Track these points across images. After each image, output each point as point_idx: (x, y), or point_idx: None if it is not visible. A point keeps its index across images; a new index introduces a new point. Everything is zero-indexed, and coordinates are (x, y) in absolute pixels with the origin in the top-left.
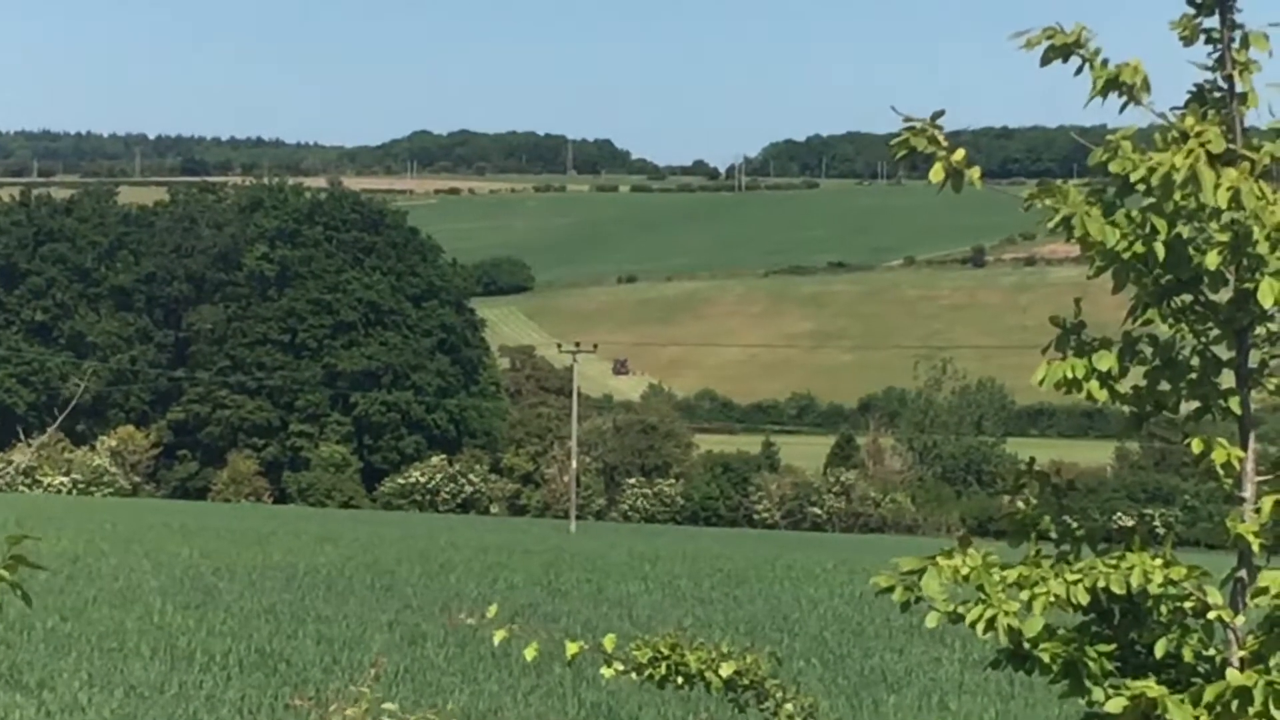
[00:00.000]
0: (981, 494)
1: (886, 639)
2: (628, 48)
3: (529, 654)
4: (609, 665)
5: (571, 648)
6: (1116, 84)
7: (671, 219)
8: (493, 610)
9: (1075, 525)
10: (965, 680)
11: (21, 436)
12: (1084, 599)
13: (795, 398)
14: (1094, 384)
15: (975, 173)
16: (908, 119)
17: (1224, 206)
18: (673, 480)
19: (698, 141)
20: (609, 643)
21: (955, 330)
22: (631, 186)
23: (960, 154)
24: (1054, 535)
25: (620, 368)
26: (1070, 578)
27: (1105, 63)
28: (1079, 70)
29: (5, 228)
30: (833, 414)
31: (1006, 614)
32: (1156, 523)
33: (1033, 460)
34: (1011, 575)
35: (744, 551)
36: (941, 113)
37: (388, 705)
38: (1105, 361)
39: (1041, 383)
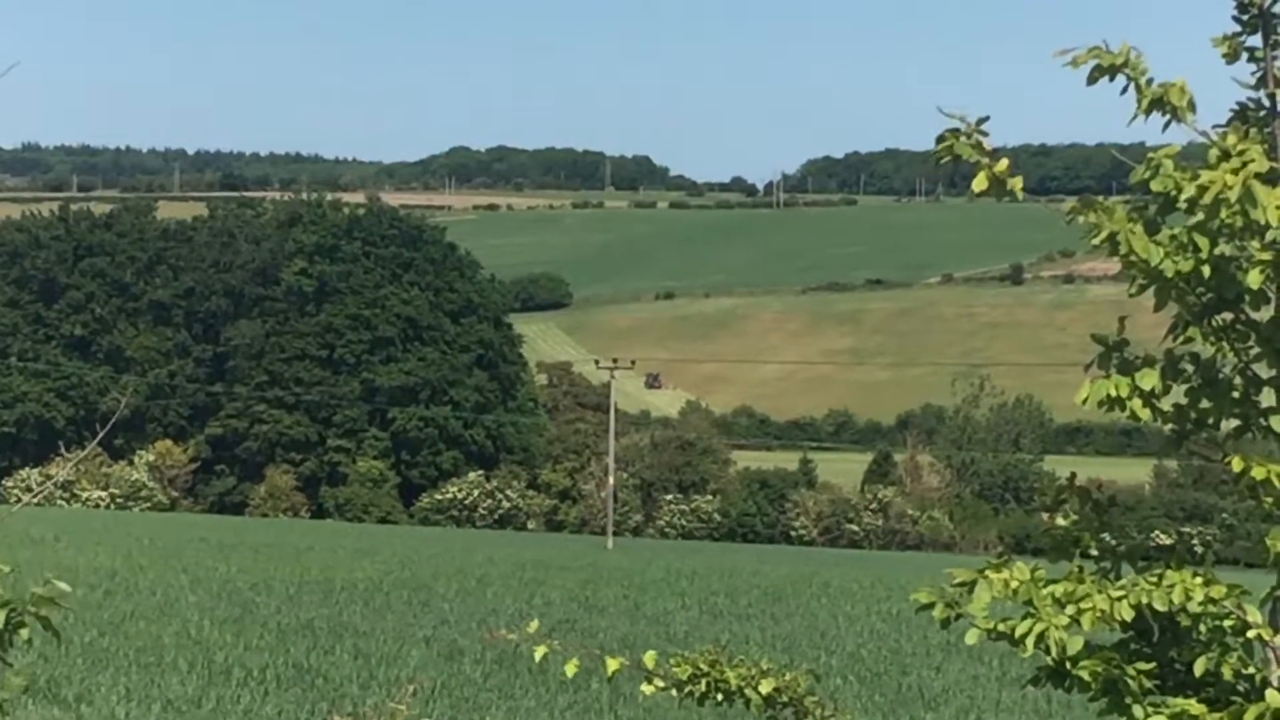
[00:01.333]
0: (1019, 511)
1: (924, 656)
2: (666, 64)
3: (569, 670)
4: (649, 682)
5: (612, 664)
6: (1161, 104)
7: (709, 235)
8: (533, 625)
9: (1116, 542)
10: (1003, 698)
11: (63, 451)
12: (1128, 615)
13: (833, 414)
14: (1137, 402)
15: (1017, 183)
16: (952, 115)
17: (1275, 224)
18: (710, 497)
19: (736, 158)
20: (649, 659)
21: (993, 347)
22: (670, 203)
23: (1004, 163)
24: (1095, 552)
25: (653, 381)
26: (1114, 594)
27: (1150, 82)
28: (1124, 90)
29: (45, 242)
30: (870, 431)
31: (1057, 628)
32: (1195, 541)
33: (1073, 476)
34: (1058, 590)
35: (781, 568)
36: (986, 118)
37: None
38: (1149, 380)
39: (1085, 401)
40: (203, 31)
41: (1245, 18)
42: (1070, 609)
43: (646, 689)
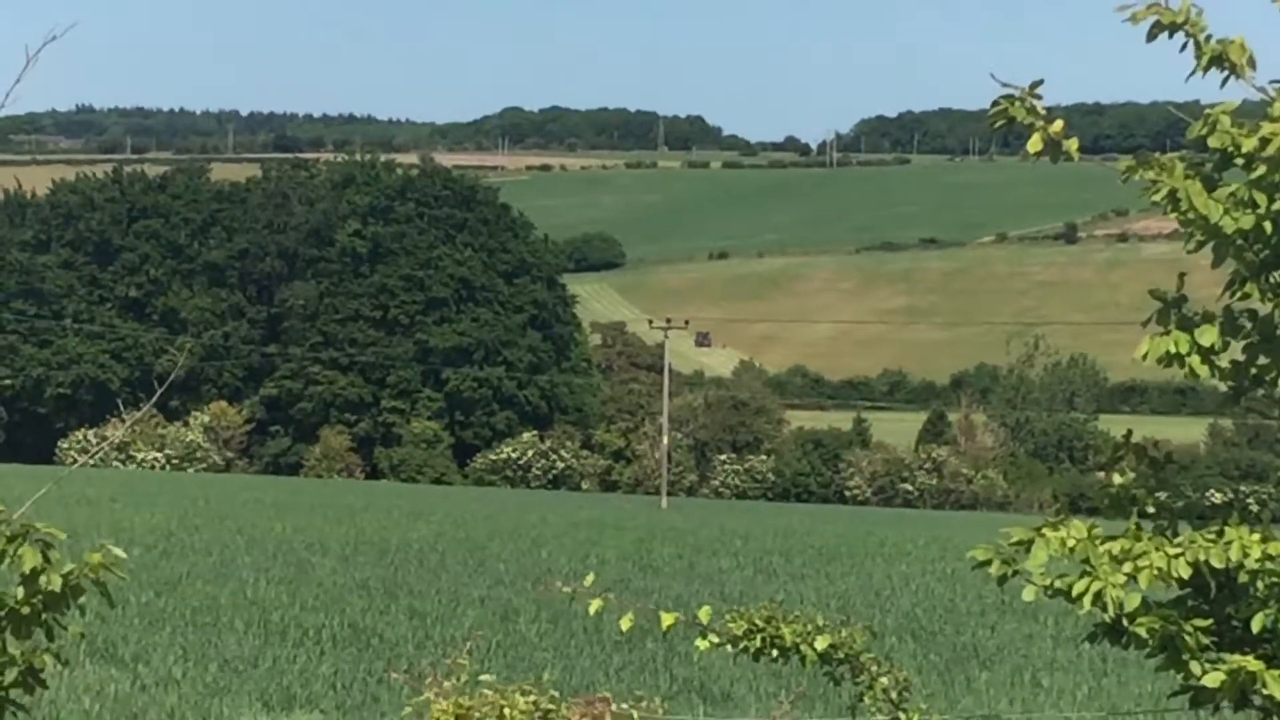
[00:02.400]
0: (1073, 471)
1: (979, 616)
2: (719, 24)
3: (624, 624)
4: (704, 637)
5: (667, 619)
6: (1221, 61)
7: (763, 195)
8: (590, 579)
9: (1172, 500)
10: (1057, 657)
11: (119, 412)
12: (1185, 573)
13: (886, 374)
14: (1196, 359)
15: (1073, 144)
16: (1005, 85)
17: None
18: (764, 456)
19: (789, 117)
20: (704, 615)
21: (1047, 306)
22: (723, 163)
23: (1059, 124)
24: (1151, 510)
25: (703, 340)
26: (1171, 551)
27: (1209, 38)
28: (1183, 47)
29: (99, 204)
30: (924, 390)
31: (1114, 586)
32: (1250, 500)
33: (1129, 433)
34: (1115, 548)
35: (835, 528)
36: (1040, 82)
37: (485, 677)
38: (1208, 336)
39: (1145, 357)
40: None
41: None
42: (1128, 566)
43: (701, 644)
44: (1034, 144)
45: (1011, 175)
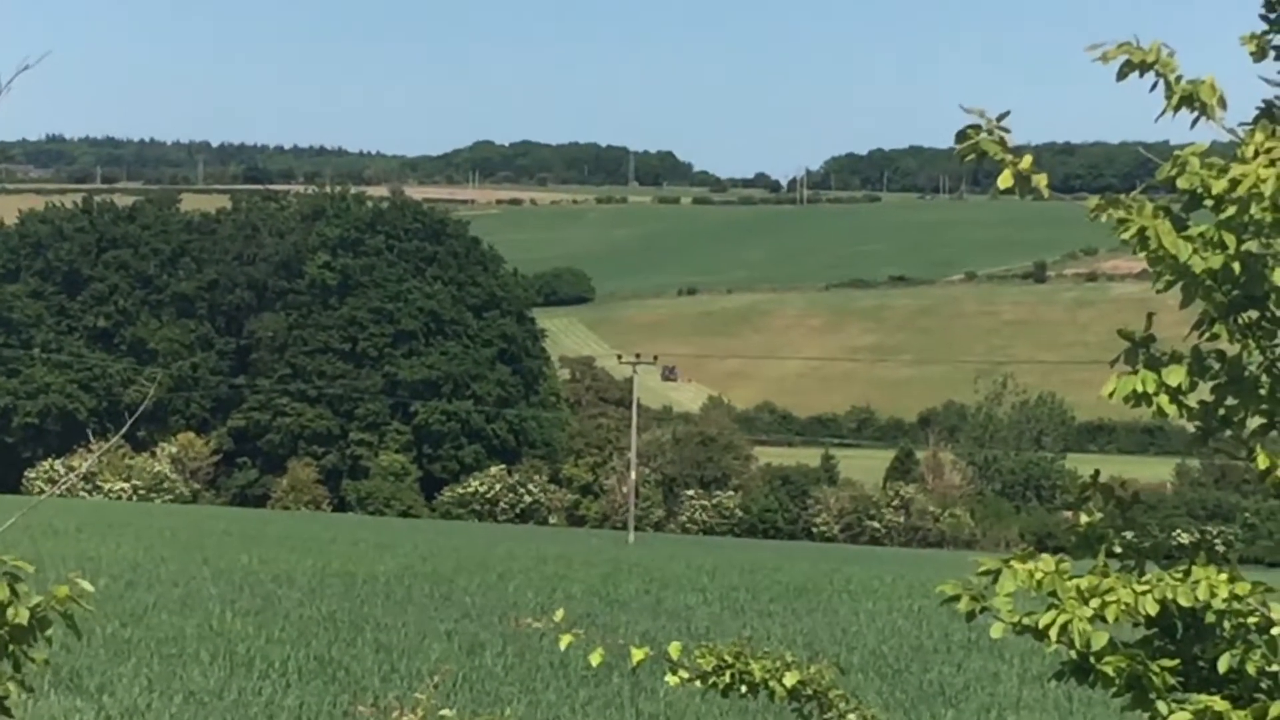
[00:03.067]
0: (1041, 509)
1: (945, 654)
2: (690, 60)
3: (594, 659)
4: (674, 672)
5: (637, 654)
6: (1191, 101)
7: (733, 231)
8: (559, 614)
9: (1139, 540)
10: (1024, 695)
11: (91, 438)
12: (1153, 609)
13: (855, 411)
14: (1164, 398)
15: (1042, 180)
16: (972, 111)
17: None
18: (731, 492)
19: (759, 154)
20: (674, 650)
21: (1016, 345)
22: (693, 198)
23: (1028, 160)
24: (1118, 549)
25: (669, 374)
26: (1139, 588)
27: (1180, 79)
28: (1153, 87)
29: (69, 234)
30: (892, 428)
31: (1080, 619)
32: (1217, 540)
33: (1097, 473)
34: (1083, 583)
35: (802, 565)
36: (1007, 113)
37: (445, 712)
38: (1175, 376)
39: (1111, 396)
40: (227, 24)
41: (1273, 16)
42: (1095, 602)
43: (671, 679)
44: (1004, 179)
45: (981, 214)
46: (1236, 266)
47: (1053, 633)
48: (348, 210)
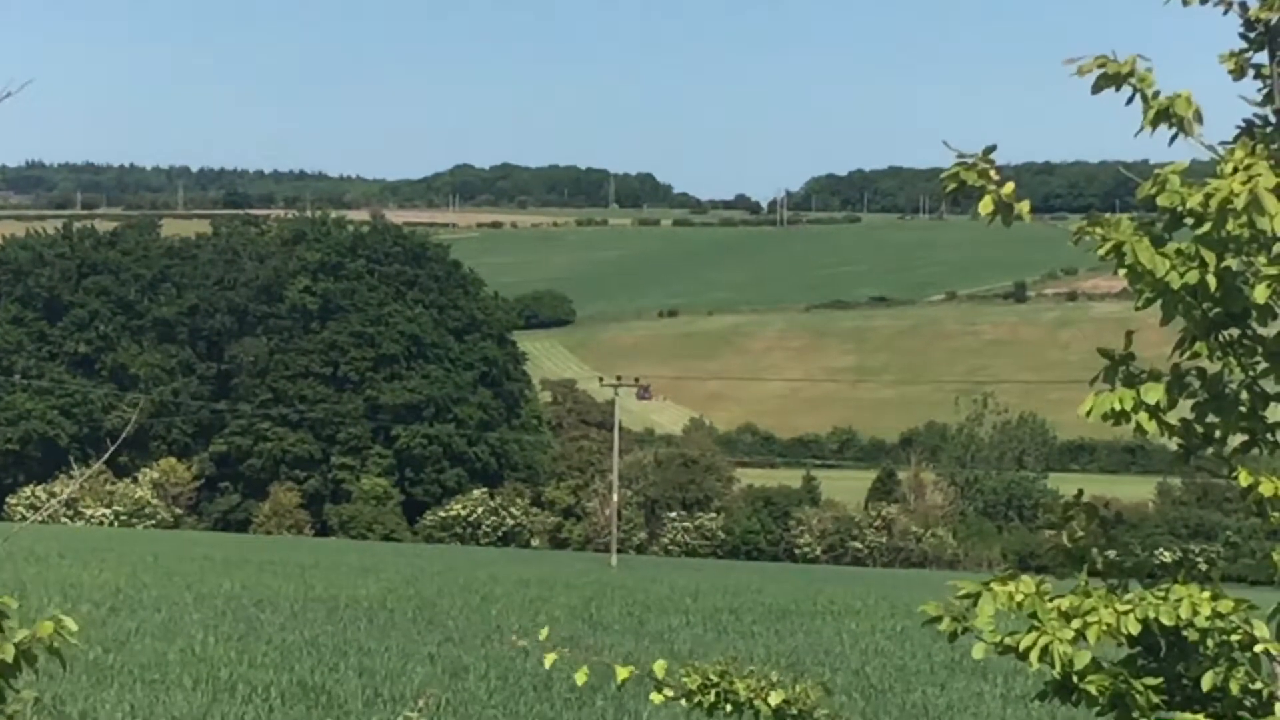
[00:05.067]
0: (1023, 529)
1: (928, 674)
2: (670, 82)
3: (580, 678)
4: (659, 691)
5: (622, 673)
6: (1168, 116)
7: (713, 253)
8: (544, 633)
9: (1121, 559)
10: (1007, 715)
11: (73, 464)
12: (1135, 629)
13: (836, 432)
14: (1143, 416)
15: (1024, 206)
16: (960, 155)
17: None
18: (714, 514)
19: (739, 176)
20: (659, 669)
21: (997, 365)
22: (673, 220)
23: (1010, 187)
24: (1101, 568)
25: (644, 393)
26: (1121, 608)
27: (1157, 94)
28: (1130, 100)
29: (49, 260)
30: (874, 448)
31: (1060, 641)
32: (1199, 559)
33: (1080, 492)
34: (1064, 604)
35: (785, 586)
36: (993, 148)
37: None
38: (1153, 394)
39: (1089, 414)
40: (206, 50)
41: (1252, 35)
42: (1076, 622)
43: (656, 698)
44: (985, 206)
45: (961, 234)
46: (1212, 281)
47: (1033, 655)
48: (328, 234)
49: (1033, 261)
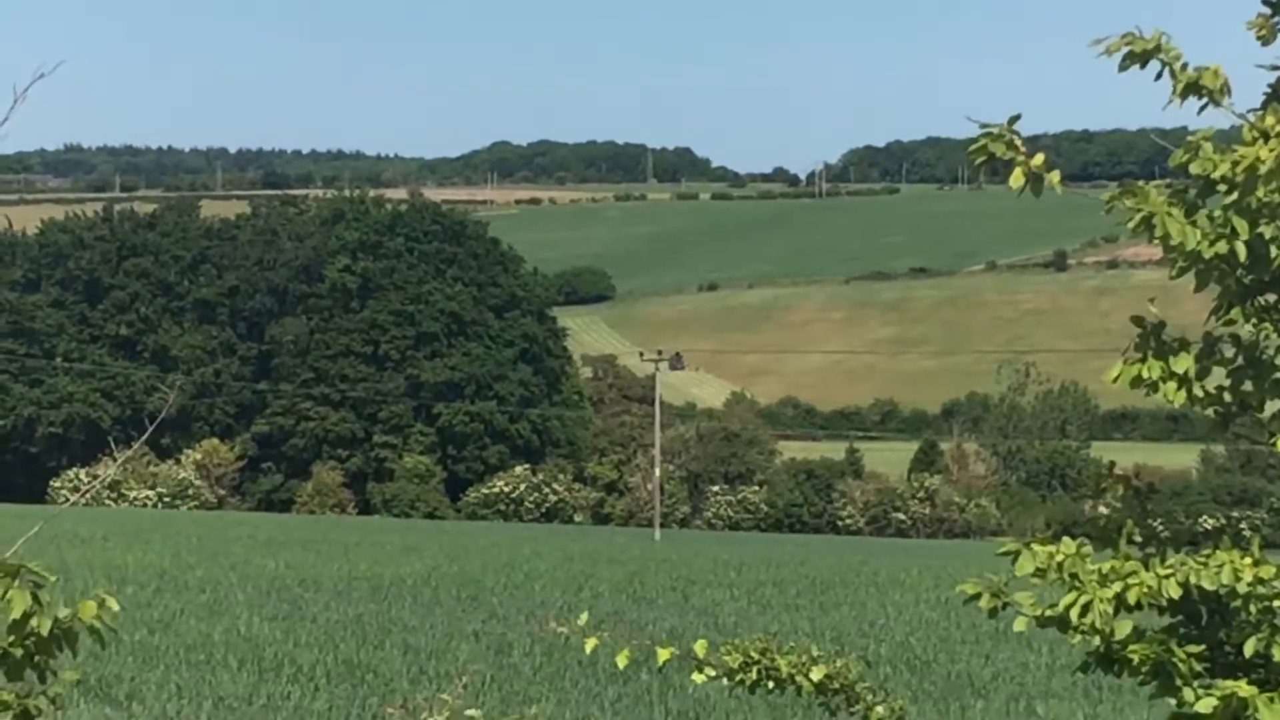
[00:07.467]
0: (1066, 498)
1: (973, 644)
2: (707, 56)
3: (620, 662)
4: (700, 670)
5: (663, 654)
6: (1196, 88)
7: (752, 226)
8: (584, 618)
9: (1161, 528)
10: (1052, 684)
11: (111, 451)
12: (1175, 593)
13: (878, 404)
14: (1171, 385)
15: (1055, 177)
16: (984, 125)
17: None
18: (756, 487)
19: (778, 148)
20: (700, 648)
21: (1037, 334)
22: (712, 194)
23: (1040, 158)
24: (1139, 539)
25: (676, 363)
26: (1161, 571)
27: (1185, 67)
28: (1159, 75)
29: (89, 243)
30: (916, 420)
31: (1101, 600)
32: (1243, 525)
33: (1112, 464)
34: (1104, 566)
35: (829, 558)
36: (1017, 117)
37: (471, 712)
38: (1182, 363)
39: (1115, 381)
40: (243, 30)
41: (1275, 1)
42: (1116, 585)
43: (698, 677)
44: (1015, 179)
45: (1000, 204)
46: (1242, 250)
47: (1074, 613)
48: (367, 213)
49: (1073, 229)
